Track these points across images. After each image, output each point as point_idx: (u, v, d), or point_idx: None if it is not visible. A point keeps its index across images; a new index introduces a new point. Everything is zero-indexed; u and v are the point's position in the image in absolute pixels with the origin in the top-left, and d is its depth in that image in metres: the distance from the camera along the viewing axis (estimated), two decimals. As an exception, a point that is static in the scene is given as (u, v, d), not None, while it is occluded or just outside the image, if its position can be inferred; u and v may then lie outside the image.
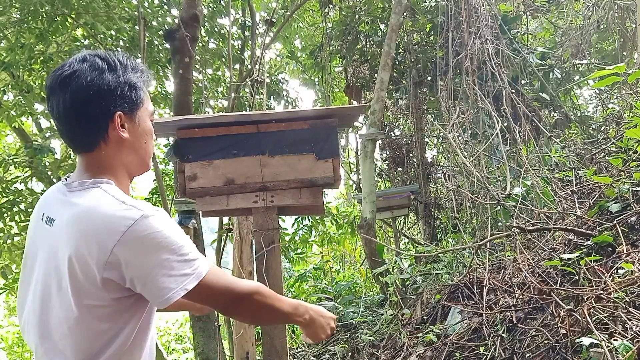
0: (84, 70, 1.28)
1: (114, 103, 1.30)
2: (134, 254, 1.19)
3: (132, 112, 1.35)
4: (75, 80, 1.27)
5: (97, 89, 1.28)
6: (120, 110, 1.31)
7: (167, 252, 1.21)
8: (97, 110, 1.29)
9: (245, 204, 2.27)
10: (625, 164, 3.92)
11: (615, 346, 2.18)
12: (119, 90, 1.31)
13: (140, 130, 1.38)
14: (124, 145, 1.35)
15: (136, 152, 1.38)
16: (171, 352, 11.40)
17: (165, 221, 1.24)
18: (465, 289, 3.90)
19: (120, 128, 1.32)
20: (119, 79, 1.31)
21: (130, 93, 1.33)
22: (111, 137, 1.32)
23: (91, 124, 1.30)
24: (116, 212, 1.21)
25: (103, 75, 1.29)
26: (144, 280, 1.21)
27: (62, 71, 1.29)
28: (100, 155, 1.33)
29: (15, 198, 6.90)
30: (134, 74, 1.35)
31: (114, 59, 1.33)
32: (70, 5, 6.61)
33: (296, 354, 4.95)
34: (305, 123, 2.23)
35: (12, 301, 11.88)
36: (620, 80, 2.81)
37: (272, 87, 8.80)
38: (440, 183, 7.33)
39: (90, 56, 1.31)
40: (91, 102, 1.28)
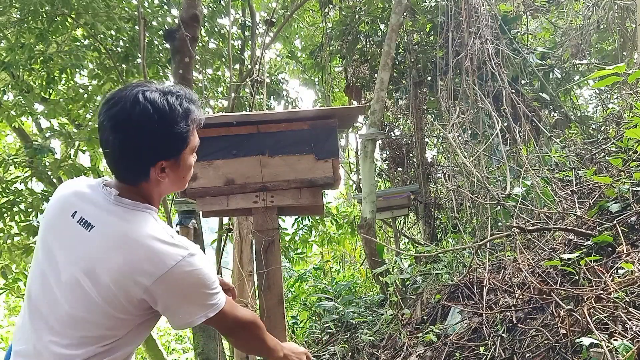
0: (135, 117, 1.32)
1: (159, 155, 1.37)
2: (176, 287, 1.34)
3: (176, 157, 1.41)
4: (126, 128, 1.32)
5: (145, 141, 1.34)
6: (163, 160, 1.38)
7: (203, 287, 1.39)
8: (142, 160, 1.37)
9: (245, 204, 2.27)
10: (625, 164, 3.92)
11: (615, 346, 2.18)
12: (165, 144, 1.37)
13: (180, 169, 1.46)
14: (164, 183, 1.44)
15: (174, 185, 1.49)
16: (171, 352, 11.40)
17: (203, 259, 1.40)
18: (465, 289, 3.90)
19: (161, 173, 1.40)
20: (167, 132, 1.35)
21: (176, 144, 1.39)
22: (152, 178, 1.40)
23: (135, 168, 1.39)
24: (167, 245, 1.33)
25: (153, 127, 1.33)
26: (176, 308, 1.38)
27: (116, 111, 1.33)
28: (140, 189, 1.42)
29: (15, 198, 6.90)
30: (183, 121, 1.38)
31: (165, 107, 1.34)
32: (70, 5, 6.61)
33: (296, 354, 4.94)
34: (305, 123, 2.23)
35: (12, 301, 11.87)
36: (620, 80, 2.81)
37: (272, 87, 8.80)
38: (440, 183, 7.33)
39: (144, 99, 1.33)
40: (138, 151, 1.35)
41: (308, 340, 5.50)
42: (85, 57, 7.21)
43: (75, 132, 7.29)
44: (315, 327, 5.69)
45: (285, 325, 2.27)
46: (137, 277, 1.29)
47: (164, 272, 1.30)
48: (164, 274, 1.30)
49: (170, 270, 1.30)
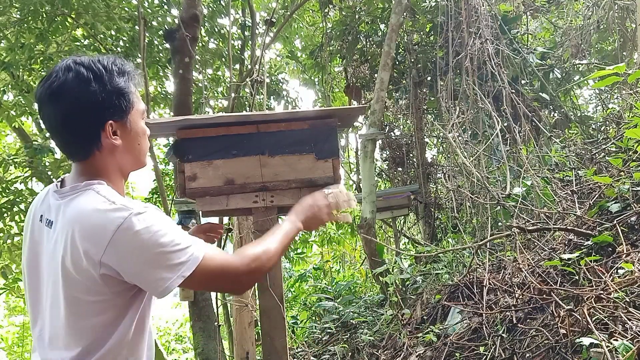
0: (69, 82, 1.29)
1: (104, 113, 1.32)
2: (128, 251, 1.22)
3: (123, 118, 1.37)
4: (63, 94, 1.28)
5: (86, 102, 1.29)
6: (110, 119, 1.33)
7: (160, 246, 1.23)
8: (87, 123, 1.31)
9: (245, 204, 2.27)
10: (625, 164, 3.92)
11: (615, 346, 2.18)
12: (107, 100, 1.32)
13: (132, 134, 1.40)
14: (118, 150, 1.37)
15: (130, 153, 1.41)
16: (171, 352, 11.40)
17: (154, 216, 1.26)
18: (465, 289, 3.90)
19: (113, 136, 1.34)
20: (106, 88, 1.31)
21: (118, 101, 1.34)
22: (104, 145, 1.34)
23: (83, 136, 1.32)
24: (107, 212, 1.24)
25: (90, 87, 1.29)
26: (140, 274, 1.25)
27: (50, 82, 1.30)
28: (94, 162, 1.36)
29: (15, 198, 6.90)
30: (121, 78, 1.35)
31: (99, 66, 1.32)
32: (70, 5, 6.61)
33: (296, 354, 4.95)
34: (305, 123, 2.23)
35: (12, 301, 11.87)
36: (620, 80, 2.81)
37: (272, 87, 8.80)
38: (440, 183, 7.33)
39: (75, 64, 1.31)
40: (81, 115, 1.30)
41: (308, 340, 5.50)
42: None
43: (75, 132, 7.28)
44: (315, 327, 5.69)
45: (285, 325, 2.27)
46: (88, 254, 1.22)
47: (109, 240, 1.20)
48: (109, 242, 1.20)
49: (114, 236, 1.20)
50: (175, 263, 1.25)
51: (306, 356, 4.81)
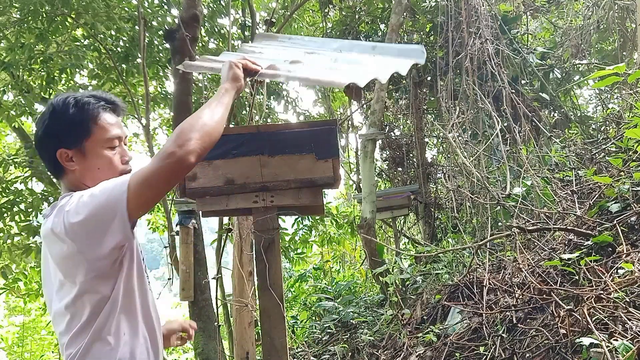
0: (39, 118, 1.58)
1: (55, 143, 1.52)
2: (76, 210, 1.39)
3: (77, 146, 1.54)
4: (37, 124, 1.58)
5: (44, 132, 1.54)
6: (62, 147, 1.52)
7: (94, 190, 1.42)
8: (45, 150, 1.55)
9: (245, 204, 2.27)
10: (625, 164, 3.92)
11: (615, 346, 2.18)
12: (58, 130, 1.52)
13: (89, 160, 1.55)
14: (79, 172, 1.55)
15: (93, 177, 1.54)
16: (171, 352, 11.40)
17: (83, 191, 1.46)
18: (465, 289, 3.90)
19: (66, 162, 1.53)
20: (59, 120, 1.52)
21: (69, 130, 1.52)
22: (65, 167, 1.55)
23: (46, 160, 1.57)
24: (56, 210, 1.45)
25: (48, 118, 1.54)
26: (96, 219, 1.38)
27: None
28: (67, 179, 1.57)
29: (15, 198, 6.90)
30: (75, 109, 1.53)
31: (60, 101, 1.55)
32: (70, 5, 6.60)
33: (296, 354, 4.95)
34: (305, 123, 2.23)
35: (12, 301, 11.87)
36: (620, 80, 2.81)
37: (272, 87, 8.80)
38: (440, 183, 7.33)
39: (50, 102, 1.58)
40: (41, 142, 1.56)
41: (308, 340, 5.50)
42: (85, 57, 7.21)
43: (75, 132, 7.28)
44: (315, 327, 5.69)
45: (285, 325, 2.27)
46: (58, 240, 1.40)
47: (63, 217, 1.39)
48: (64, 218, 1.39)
49: (65, 213, 1.39)
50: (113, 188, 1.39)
51: (306, 356, 4.81)
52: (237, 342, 3.40)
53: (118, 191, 1.37)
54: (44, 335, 11.32)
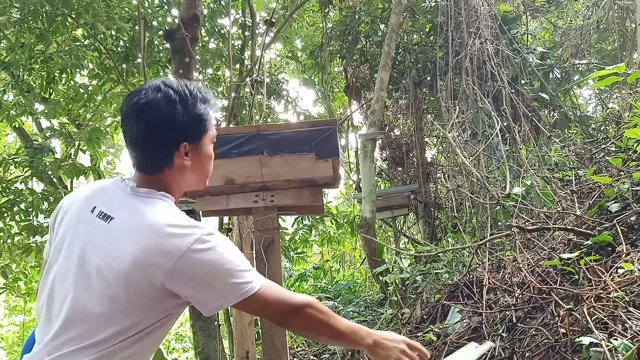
0: (157, 101, 1.38)
1: (182, 134, 1.42)
2: (197, 267, 1.30)
3: (197, 141, 1.46)
4: (149, 110, 1.38)
5: (168, 121, 1.39)
6: (186, 141, 1.43)
7: (226, 264, 1.32)
8: (166, 140, 1.41)
9: (245, 203, 2.27)
10: (624, 163, 3.93)
11: (615, 345, 2.18)
12: (187, 122, 1.41)
13: (202, 156, 1.49)
14: (186, 169, 1.46)
15: (196, 174, 1.50)
16: (171, 352, 11.41)
17: (224, 239, 1.36)
18: (465, 288, 3.90)
19: (185, 157, 1.43)
20: (188, 111, 1.41)
21: (196, 125, 1.44)
22: (175, 163, 1.43)
23: (159, 151, 1.42)
24: (183, 229, 1.32)
25: (175, 108, 1.39)
26: (202, 289, 1.32)
27: (139, 98, 1.39)
28: (162, 177, 1.45)
29: (16, 198, 6.89)
30: (202, 105, 1.45)
31: (185, 90, 1.43)
32: (70, 5, 6.61)
33: (296, 353, 4.96)
34: (304, 123, 2.24)
35: (12, 300, 11.88)
36: (619, 80, 2.82)
37: (272, 87, 8.80)
38: (440, 183, 7.33)
39: (164, 86, 1.42)
40: (161, 132, 1.39)
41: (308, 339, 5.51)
42: (86, 57, 7.21)
43: (75, 131, 7.30)
44: (315, 326, 5.68)
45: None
46: (157, 261, 1.29)
47: (182, 253, 1.28)
48: (182, 255, 1.28)
49: (188, 250, 1.29)
50: (238, 282, 1.33)
51: (306, 355, 4.82)
52: (237, 341, 3.41)
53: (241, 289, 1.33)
54: (44, 334, 11.28)
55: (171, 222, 1.33)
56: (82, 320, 1.34)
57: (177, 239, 1.30)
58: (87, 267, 1.36)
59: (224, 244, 1.35)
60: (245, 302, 1.34)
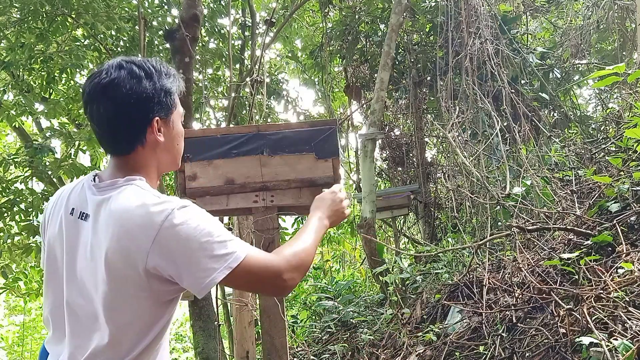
0: (122, 78, 1.34)
1: (152, 109, 1.38)
2: (173, 244, 1.24)
3: (167, 117, 1.43)
4: (115, 88, 1.33)
5: (137, 97, 1.34)
6: (157, 116, 1.39)
7: (205, 235, 1.26)
8: (137, 117, 1.36)
9: (245, 203, 2.27)
10: (624, 163, 3.93)
11: (615, 345, 2.18)
12: (156, 97, 1.38)
13: (174, 133, 1.46)
14: (159, 147, 1.42)
15: (169, 152, 1.47)
16: (171, 352, 11.40)
17: (196, 209, 1.31)
18: (465, 288, 3.90)
19: (157, 132, 1.40)
20: (155, 86, 1.38)
21: (165, 99, 1.41)
22: (148, 140, 1.40)
23: (131, 129, 1.37)
24: (153, 205, 1.27)
25: (141, 83, 1.35)
26: (186, 266, 1.26)
27: (100, 78, 1.34)
28: (136, 157, 1.40)
29: (15, 198, 6.90)
30: (167, 79, 1.42)
31: (149, 65, 1.40)
32: (70, 5, 6.61)
33: (296, 353, 4.96)
34: (305, 123, 2.24)
35: (12, 301, 11.88)
36: (620, 80, 2.82)
37: (272, 87, 8.80)
38: (440, 183, 7.33)
39: (126, 63, 1.37)
40: (131, 109, 1.35)
41: (308, 339, 5.51)
42: (86, 56, 7.21)
43: (75, 131, 7.30)
44: (315, 326, 5.69)
45: (285, 325, 2.28)
46: (133, 245, 1.24)
47: (158, 231, 1.23)
48: (158, 233, 1.23)
49: (162, 227, 1.24)
50: (222, 253, 1.27)
51: (306, 355, 4.82)
52: (237, 341, 3.41)
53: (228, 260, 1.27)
54: (44, 334, 11.31)
55: (139, 203, 1.28)
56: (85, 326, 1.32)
57: (149, 217, 1.25)
58: (77, 273, 1.34)
59: (200, 215, 1.29)
60: (233, 275, 1.27)
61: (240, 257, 1.28)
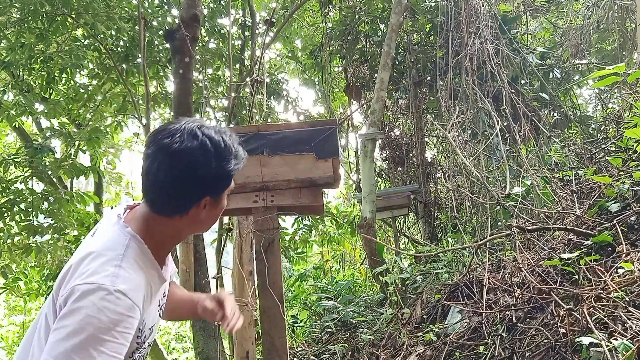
0: (193, 150, 1.30)
1: (207, 189, 1.36)
2: (66, 310, 1.21)
3: (219, 197, 1.42)
4: (181, 159, 1.30)
5: (199, 174, 1.31)
6: (209, 196, 1.38)
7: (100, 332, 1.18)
8: (190, 192, 1.34)
9: (245, 203, 2.27)
10: (624, 163, 3.93)
11: (615, 345, 2.18)
12: (217, 179, 1.36)
13: (217, 210, 1.45)
14: (198, 220, 1.41)
15: (204, 224, 1.47)
16: (171, 352, 11.41)
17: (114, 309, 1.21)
18: (465, 288, 3.90)
19: (203, 209, 1.38)
20: (219, 168, 1.34)
21: (224, 182, 1.39)
22: (190, 213, 1.38)
23: (180, 201, 1.35)
24: (98, 267, 1.25)
25: (210, 163, 1.32)
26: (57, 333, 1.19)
27: (172, 141, 1.30)
28: (170, 222, 1.38)
29: (16, 198, 6.89)
30: (233, 162, 1.38)
31: (222, 144, 1.34)
32: (70, 5, 6.61)
33: (296, 353, 4.96)
34: (305, 123, 2.24)
35: (12, 300, 11.88)
36: (619, 80, 2.82)
37: (272, 87, 8.80)
38: (440, 183, 7.33)
39: (202, 135, 1.32)
40: (189, 183, 1.32)
41: (308, 339, 5.51)
42: (86, 56, 7.21)
43: (75, 131, 7.30)
44: (315, 326, 5.69)
45: (285, 325, 2.28)
46: (61, 282, 1.28)
47: (71, 288, 1.22)
48: (70, 292, 1.22)
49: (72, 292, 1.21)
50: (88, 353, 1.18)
51: (306, 355, 4.82)
52: (237, 341, 3.41)
53: None
54: (44, 334, 11.29)
55: (99, 254, 1.27)
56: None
57: (85, 273, 1.24)
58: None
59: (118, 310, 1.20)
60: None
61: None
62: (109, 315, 1.20)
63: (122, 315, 1.22)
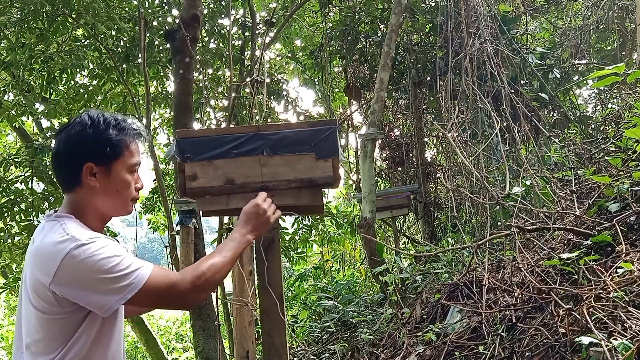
0: (73, 125, 1.59)
1: (87, 155, 1.55)
2: (72, 278, 1.42)
3: (106, 165, 1.58)
4: (66, 132, 1.58)
5: (75, 142, 1.56)
6: (91, 162, 1.55)
7: (101, 272, 1.42)
8: (71, 159, 1.56)
9: (245, 203, 2.27)
10: (624, 163, 3.93)
11: (615, 345, 2.18)
12: (93, 144, 1.56)
13: (113, 181, 1.60)
14: (95, 191, 1.58)
15: (108, 197, 1.60)
16: (171, 351, 11.42)
17: (99, 246, 1.45)
18: (465, 288, 3.91)
19: (90, 177, 1.56)
20: (97, 135, 1.56)
21: (103, 147, 1.57)
22: (84, 183, 1.56)
23: (67, 169, 1.57)
24: (59, 244, 1.44)
25: (84, 131, 1.56)
26: (85, 297, 1.44)
27: (62, 127, 1.61)
28: (75, 196, 1.58)
29: (16, 198, 6.91)
30: (114, 130, 1.59)
31: (100, 117, 1.59)
32: (70, 5, 6.62)
33: (296, 353, 4.96)
34: (305, 123, 2.24)
35: (12, 300, 11.89)
36: (619, 80, 2.82)
37: (272, 87, 8.80)
38: (439, 183, 7.34)
39: (85, 114, 1.61)
40: (69, 151, 1.56)
41: (308, 339, 5.51)
42: (86, 57, 7.22)
43: (75, 131, 7.29)
44: (315, 326, 5.70)
45: (285, 324, 2.28)
46: (41, 279, 1.43)
47: (57, 267, 1.40)
48: (57, 269, 1.40)
49: (61, 264, 1.40)
50: (118, 287, 1.43)
51: (306, 355, 4.83)
52: (237, 341, 3.41)
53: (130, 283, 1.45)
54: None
55: (49, 239, 1.45)
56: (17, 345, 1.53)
57: (54, 252, 1.42)
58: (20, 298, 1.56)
59: (99, 251, 1.43)
60: (136, 298, 1.45)
61: (138, 287, 1.45)
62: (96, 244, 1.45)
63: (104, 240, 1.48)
